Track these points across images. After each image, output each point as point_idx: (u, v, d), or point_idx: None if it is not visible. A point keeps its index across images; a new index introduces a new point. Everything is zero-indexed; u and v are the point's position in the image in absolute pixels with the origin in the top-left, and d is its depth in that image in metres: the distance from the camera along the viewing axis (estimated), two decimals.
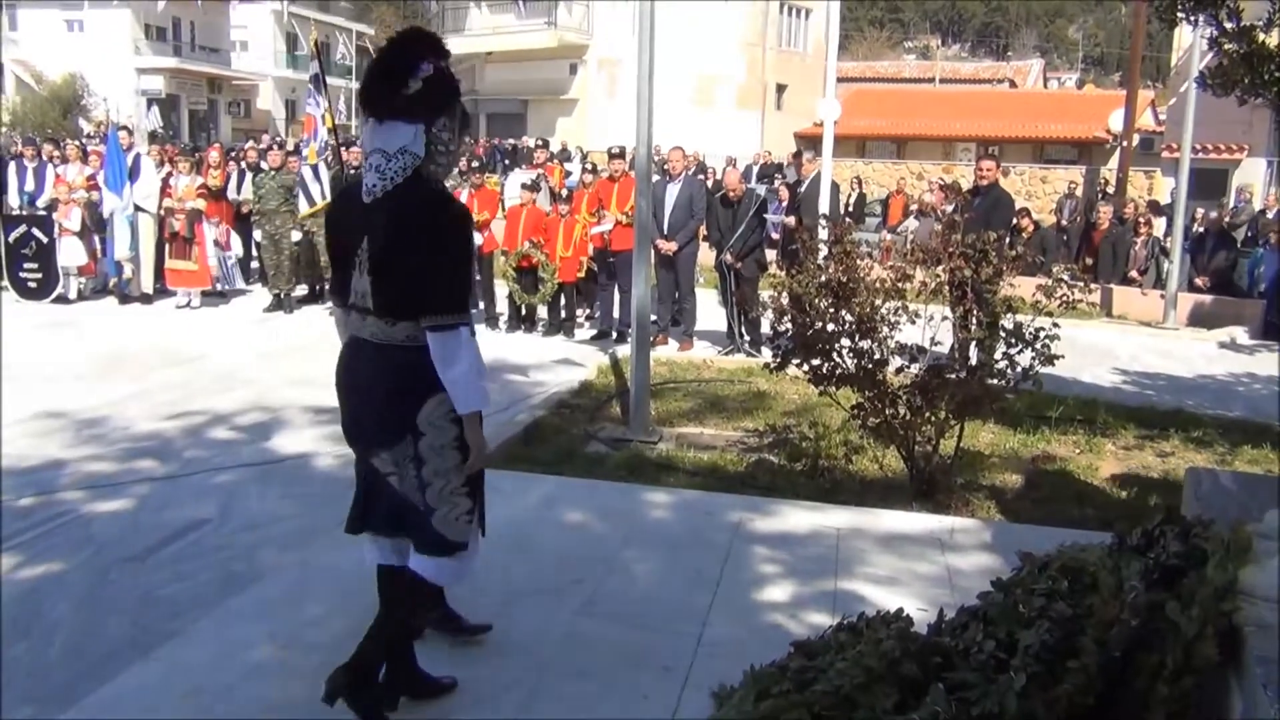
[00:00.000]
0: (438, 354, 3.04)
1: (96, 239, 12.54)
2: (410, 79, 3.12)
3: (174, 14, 43.96)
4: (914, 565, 4.72)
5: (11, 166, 13.33)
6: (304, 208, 11.64)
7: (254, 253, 13.58)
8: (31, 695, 3.67)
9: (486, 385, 3.21)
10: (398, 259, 3.05)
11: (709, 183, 19.67)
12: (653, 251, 9.27)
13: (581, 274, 11.15)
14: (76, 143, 15.92)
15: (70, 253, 12.28)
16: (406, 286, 3.04)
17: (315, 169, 11.51)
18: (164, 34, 44.87)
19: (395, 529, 3.29)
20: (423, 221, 3.05)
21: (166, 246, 12.29)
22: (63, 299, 12.28)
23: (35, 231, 12.29)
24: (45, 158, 13.45)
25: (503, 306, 11.61)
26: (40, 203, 12.70)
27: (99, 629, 4.19)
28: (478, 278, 11.78)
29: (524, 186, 12.03)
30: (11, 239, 12.32)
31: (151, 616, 4.28)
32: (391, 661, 3.34)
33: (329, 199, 11.30)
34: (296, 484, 6.09)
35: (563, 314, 11.29)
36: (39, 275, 12.32)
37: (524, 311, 11.47)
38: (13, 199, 12.86)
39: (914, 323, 5.85)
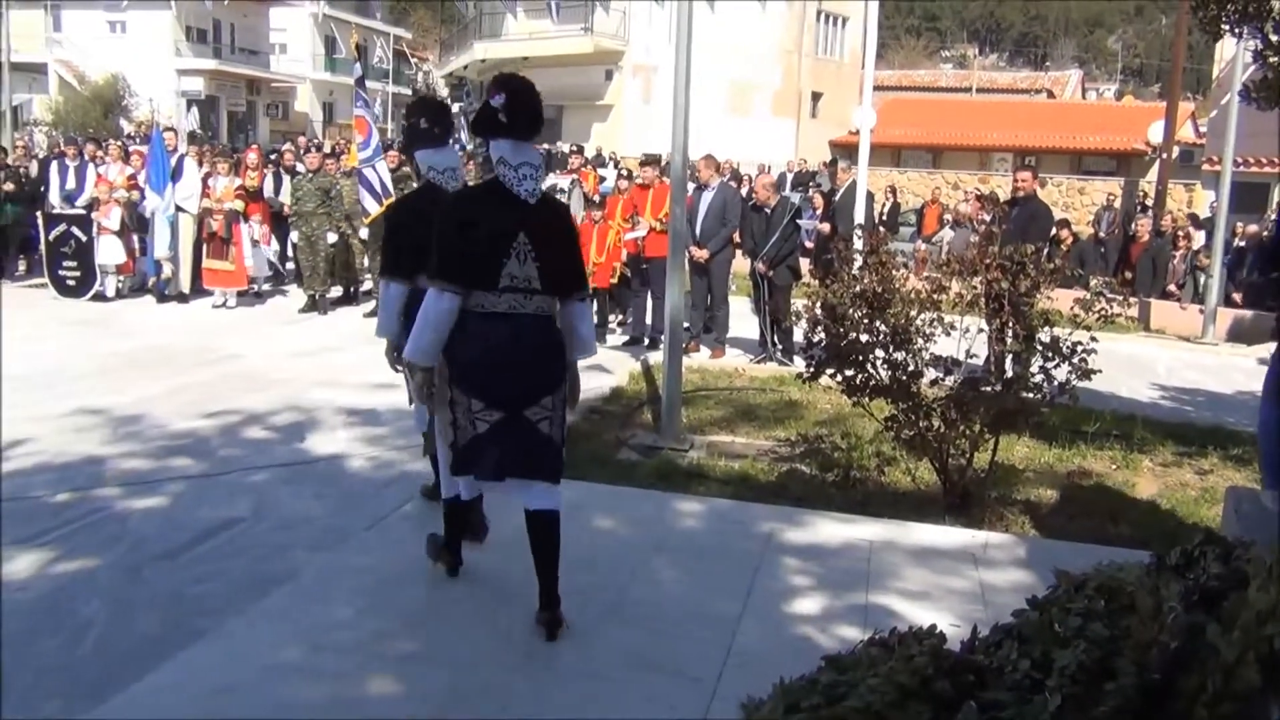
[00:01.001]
0: (583, 318, 4.12)
1: (136, 238, 12.70)
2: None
3: (215, 16, 44.44)
4: (947, 580, 4.67)
5: (54, 165, 13.53)
6: (373, 209, 11.31)
7: (290, 254, 13.70)
8: (62, 691, 3.70)
9: None
10: (559, 249, 3.98)
11: (743, 190, 19.70)
12: (687, 258, 9.24)
13: (614, 280, 11.15)
14: (118, 142, 16.14)
15: (109, 251, 12.44)
16: (565, 270, 4.01)
17: (377, 170, 11.41)
18: (204, 36, 45.40)
19: (532, 471, 3.96)
20: (569, 222, 4.24)
21: (204, 246, 12.43)
22: (101, 296, 12.44)
23: (75, 230, 12.47)
24: (87, 157, 13.61)
25: None
26: (80, 201, 12.86)
27: (131, 626, 4.22)
28: None
29: (555, 192, 12.04)
30: (52, 237, 12.49)
31: (183, 614, 4.31)
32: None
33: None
34: (329, 484, 6.12)
35: (594, 320, 11.26)
36: (78, 273, 12.49)
37: None
38: (54, 197, 13.03)
39: (949, 335, 5.81)
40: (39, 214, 12.84)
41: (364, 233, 12.19)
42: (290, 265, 13.89)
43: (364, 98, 11.87)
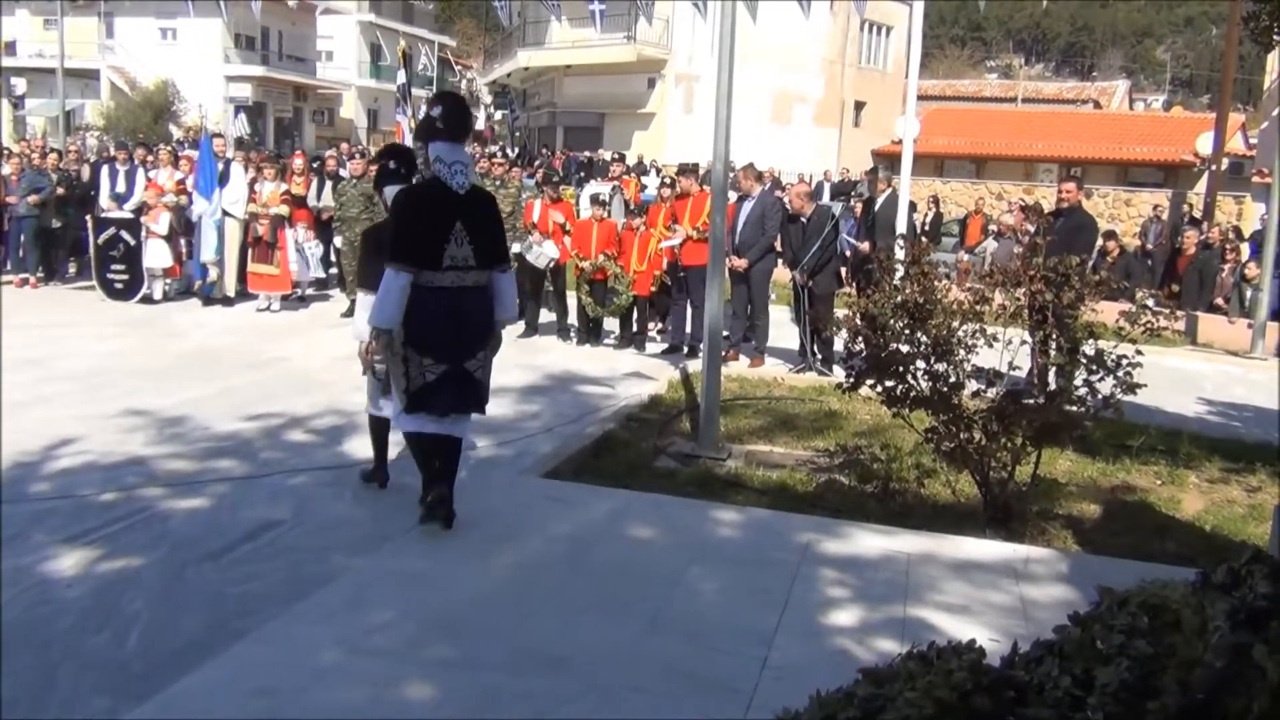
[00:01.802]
0: (507, 285, 5.16)
1: (183, 242, 12.89)
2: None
3: (263, 23, 45.04)
4: (986, 594, 4.63)
5: (104, 169, 13.72)
6: None
7: (333, 258, 13.83)
8: (107, 687, 3.75)
9: None
10: (487, 232, 4.95)
11: (785, 200, 19.64)
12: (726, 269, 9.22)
13: (655, 288, 11.16)
14: (168, 147, 16.38)
15: (156, 255, 12.62)
16: (492, 248, 4.99)
17: None
18: (253, 43, 46.04)
19: (469, 408, 5.09)
20: (494, 207, 5.15)
21: (250, 251, 12.58)
22: (148, 299, 12.62)
23: (124, 234, 12.66)
24: (137, 161, 13.80)
25: (574, 317, 11.64)
26: (129, 206, 13.04)
27: (173, 625, 4.28)
28: (550, 288, 11.87)
29: (594, 201, 11.96)
30: (101, 240, 12.70)
31: (224, 615, 4.36)
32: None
33: None
34: (368, 489, 6.17)
35: (634, 327, 11.30)
36: (125, 276, 12.69)
37: (592, 324, 11.46)
38: (104, 200, 13.24)
39: (991, 346, 5.76)
40: (89, 217, 13.07)
41: None
42: (333, 270, 14.02)
43: (404, 104, 12.00)
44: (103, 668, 3.90)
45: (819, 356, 9.90)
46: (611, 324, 11.49)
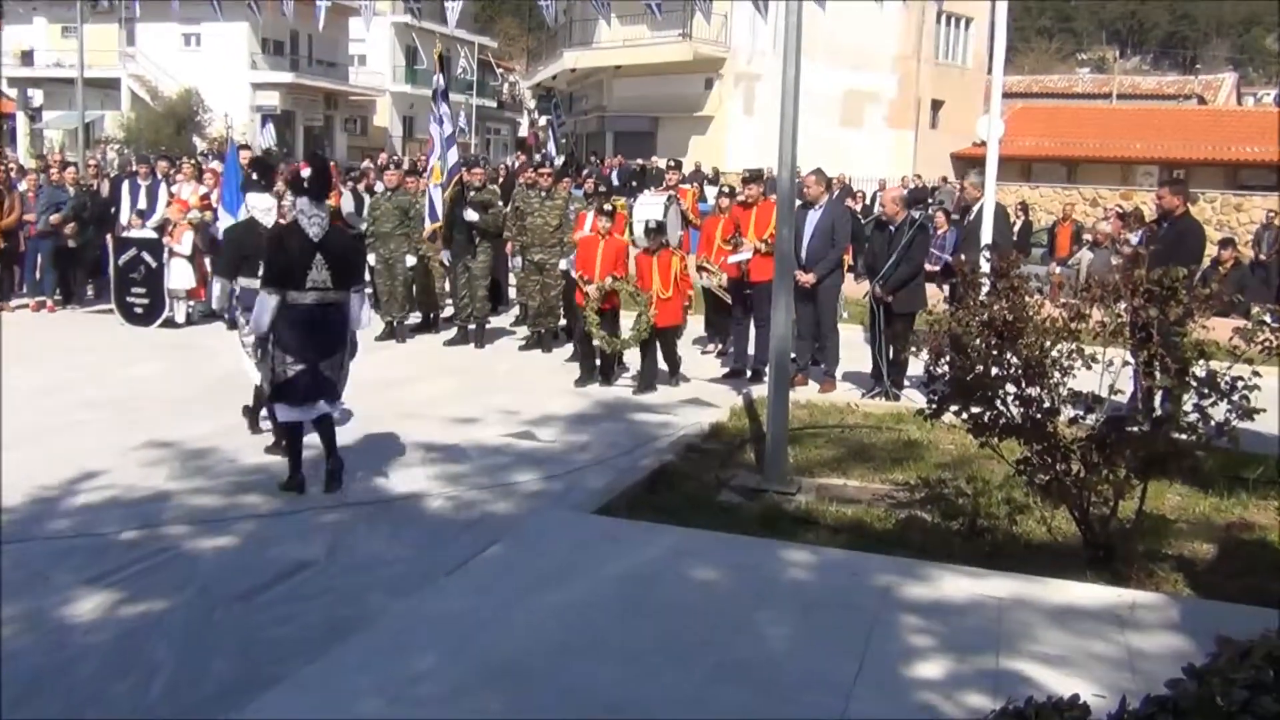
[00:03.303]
0: (358, 302, 6.87)
1: (208, 261, 13.10)
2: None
3: (292, 27, 45.91)
4: (1088, 644, 4.55)
5: (125, 185, 14.01)
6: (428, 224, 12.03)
7: (367, 277, 13.98)
8: None
9: None
10: (344, 261, 6.76)
11: (856, 208, 19.55)
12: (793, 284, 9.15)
13: (688, 306, 10.78)
14: (191, 160, 16.70)
15: (179, 276, 12.86)
16: (348, 273, 6.79)
17: (431, 192, 11.82)
18: (281, 48, 46.99)
19: (328, 399, 6.78)
20: (349, 239, 7.73)
21: None
22: (170, 323, 12.82)
23: (145, 255, 12.84)
24: (159, 175, 14.08)
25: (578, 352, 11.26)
26: (152, 223, 13.26)
27: (201, 672, 4.34)
28: None
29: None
30: (122, 262, 12.91)
31: (256, 661, 4.42)
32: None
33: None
34: (406, 525, 6.23)
35: (661, 364, 10.43)
36: (146, 300, 12.83)
37: (601, 361, 10.47)
38: (125, 217, 13.49)
39: (1090, 368, 5.69)
40: (109, 236, 13.32)
41: (445, 255, 12.38)
42: (367, 290, 14.18)
43: (436, 112, 12.11)
44: (126, 717, 3.96)
45: (893, 380, 9.80)
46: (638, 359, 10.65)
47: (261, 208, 7.92)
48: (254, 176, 8.55)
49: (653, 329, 10.08)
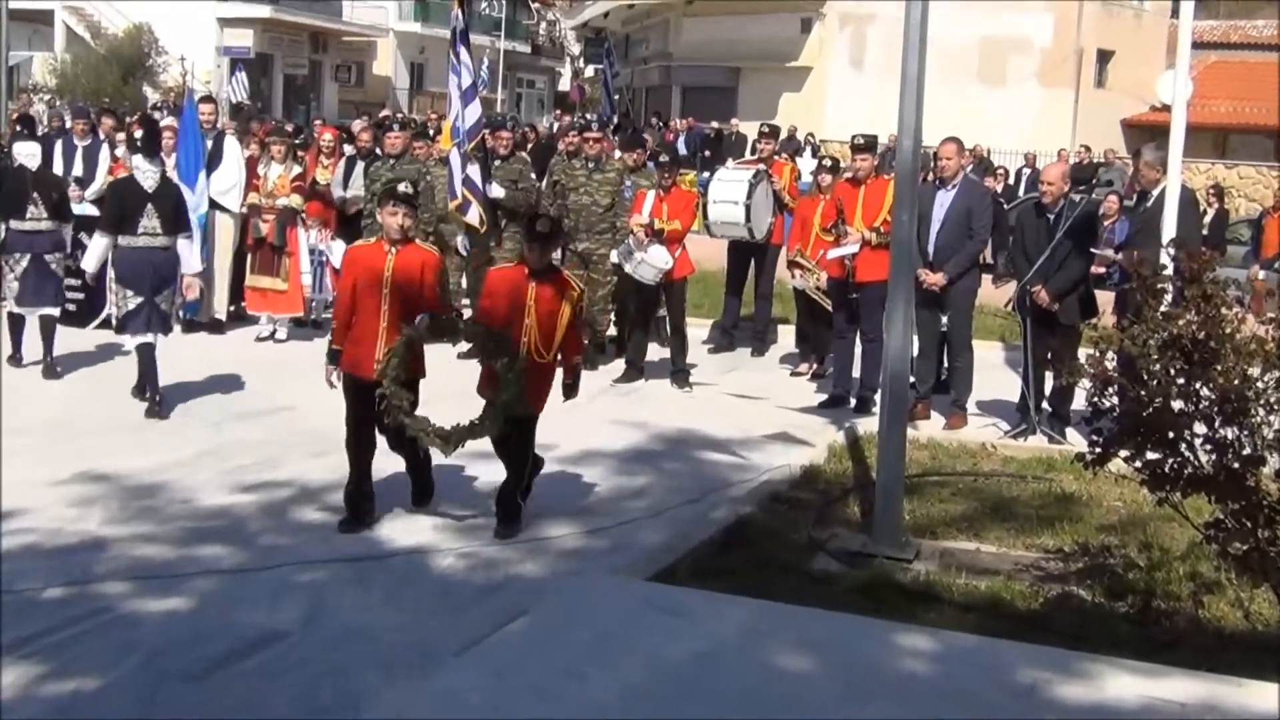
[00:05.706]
0: (188, 245, 10.05)
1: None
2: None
3: None
4: None
5: (58, 145, 13.93)
6: (472, 216, 12.02)
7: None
8: None
9: None
10: (171, 211, 9.86)
11: (997, 188, 19.45)
12: (914, 286, 9.10)
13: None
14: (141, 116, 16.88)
15: None
16: (175, 220, 9.88)
17: (450, 160, 11.85)
18: None
19: (159, 329, 9.79)
20: (178, 195, 10.39)
21: (249, 257, 12.89)
22: (110, 323, 12.87)
23: (81, 237, 12.85)
24: (101, 135, 14.14)
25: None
26: (90, 194, 13.16)
27: None
28: (663, 313, 11.92)
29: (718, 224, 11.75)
30: None
31: None
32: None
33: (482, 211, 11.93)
34: (406, 586, 6.28)
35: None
36: (81, 295, 12.59)
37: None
38: None
39: None
40: None
41: (461, 242, 12.44)
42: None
43: (453, 59, 12.10)
44: None
45: (1050, 413, 9.72)
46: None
47: (25, 154, 10.87)
48: (19, 129, 11.71)
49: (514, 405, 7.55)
